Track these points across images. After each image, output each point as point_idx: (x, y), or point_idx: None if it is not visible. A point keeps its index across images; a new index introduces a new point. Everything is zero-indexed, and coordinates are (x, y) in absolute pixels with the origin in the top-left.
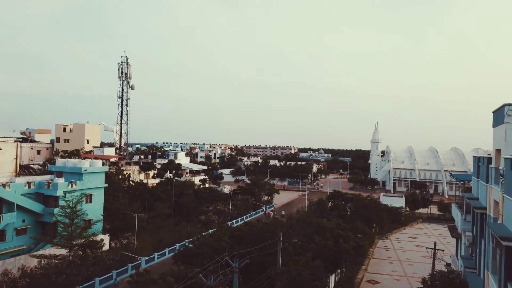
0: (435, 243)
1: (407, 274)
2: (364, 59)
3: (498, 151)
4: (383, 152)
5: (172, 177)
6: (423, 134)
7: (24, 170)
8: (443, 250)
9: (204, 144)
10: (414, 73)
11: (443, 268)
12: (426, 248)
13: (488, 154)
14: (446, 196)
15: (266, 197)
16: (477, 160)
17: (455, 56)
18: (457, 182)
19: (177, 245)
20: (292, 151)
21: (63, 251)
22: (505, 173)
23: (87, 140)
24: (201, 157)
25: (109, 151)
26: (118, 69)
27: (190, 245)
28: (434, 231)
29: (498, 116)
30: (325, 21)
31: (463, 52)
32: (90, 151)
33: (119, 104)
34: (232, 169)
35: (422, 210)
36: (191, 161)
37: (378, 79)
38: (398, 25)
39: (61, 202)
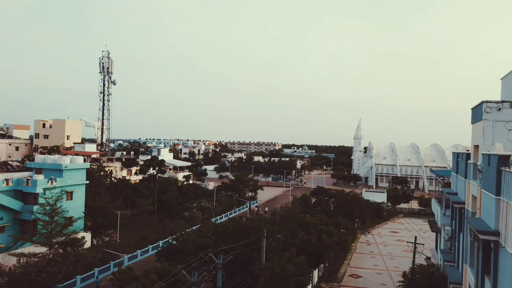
0: (415, 237)
1: (388, 268)
2: (348, 57)
3: (476, 147)
4: (365, 148)
5: (155, 173)
6: (405, 130)
7: (1, 166)
8: (423, 244)
9: (187, 140)
10: (397, 71)
11: (423, 261)
12: (407, 242)
13: (467, 150)
14: (427, 191)
15: (250, 193)
16: (456, 156)
17: (437, 55)
18: (437, 178)
19: (161, 242)
20: (276, 147)
21: (43, 249)
22: (482, 169)
23: (67, 136)
24: (184, 153)
25: (91, 147)
26: (99, 63)
27: (174, 242)
28: (415, 225)
29: (477, 113)
30: (306, 17)
31: (445, 50)
32: (71, 147)
33: (100, 100)
34: (216, 165)
35: (403, 205)
36: (174, 158)
37: (362, 78)
38: (388, 22)
39: (41, 200)
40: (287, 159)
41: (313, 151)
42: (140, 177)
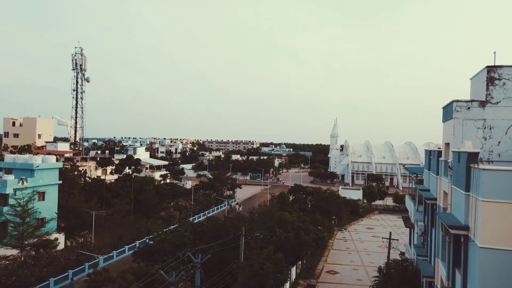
0: (390, 233)
1: (364, 263)
2: (327, 56)
3: (447, 144)
4: (342, 146)
5: (131, 172)
6: (380, 128)
7: None
8: (398, 240)
9: (164, 139)
10: (374, 71)
11: (397, 256)
12: (382, 238)
13: (438, 148)
14: (401, 188)
15: (228, 192)
16: (429, 153)
17: (412, 54)
18: (410, 175)
19: (137, 242)
20: (255, 146)
21: (14, 252)
22: (453, 166)
23: (39, 135)
24: (161, 152)
25: (63, 147)
26: (72, 60)
27: (151, 242)
28: (390, 221)
29: (447, 111)
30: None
31: (420, 49)
32: (43, 146)
33: (73, 97)
34: (194, 164)
35: (378, 202)
36: (151, 156)
37: (339, 81)
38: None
39: (11, 201)
40: (265, 157)
41: (291, 149)
42: (115, 176)
